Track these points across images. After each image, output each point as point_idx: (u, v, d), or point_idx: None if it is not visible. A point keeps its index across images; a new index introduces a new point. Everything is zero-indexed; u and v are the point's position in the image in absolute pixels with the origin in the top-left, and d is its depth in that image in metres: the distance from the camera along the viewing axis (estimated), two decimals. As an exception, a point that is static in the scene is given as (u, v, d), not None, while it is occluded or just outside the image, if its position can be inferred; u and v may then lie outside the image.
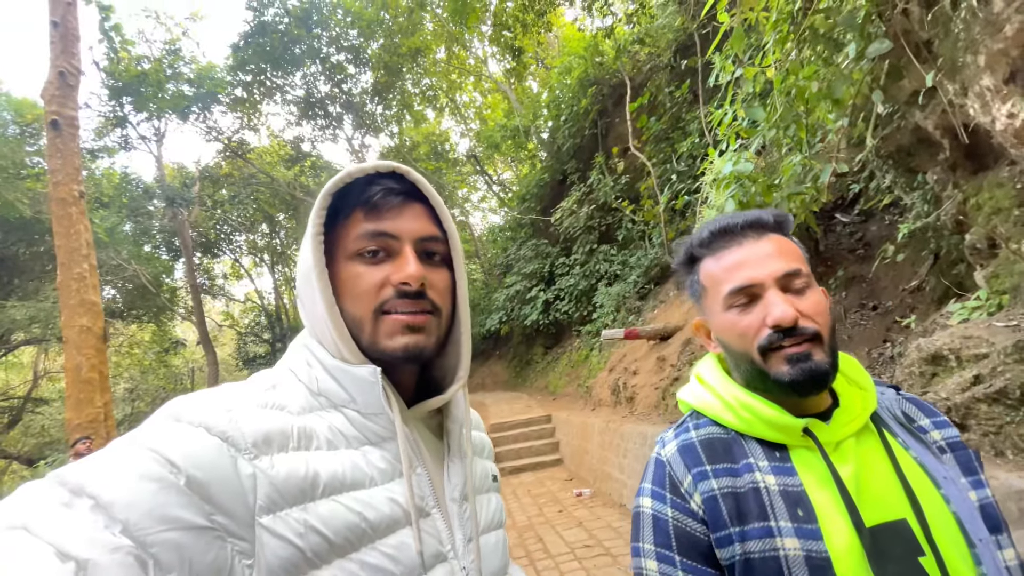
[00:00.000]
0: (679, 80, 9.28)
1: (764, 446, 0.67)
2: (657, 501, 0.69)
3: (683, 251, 0.77)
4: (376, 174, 0.59)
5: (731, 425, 0.70)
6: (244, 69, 16.74)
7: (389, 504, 0.53)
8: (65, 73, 6.02)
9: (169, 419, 0.47)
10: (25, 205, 12.35)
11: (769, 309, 0.64)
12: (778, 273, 0.66)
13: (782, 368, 0.64)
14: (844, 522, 0.59)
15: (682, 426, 0.76)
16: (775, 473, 0.64)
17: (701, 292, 0.74)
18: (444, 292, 0.62)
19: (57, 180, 5.98)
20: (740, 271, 0.67)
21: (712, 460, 0.68)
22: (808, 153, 3.68)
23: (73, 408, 5.79)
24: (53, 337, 13.09)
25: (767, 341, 0.64)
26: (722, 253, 0.70)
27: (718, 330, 0.72)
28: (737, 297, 0.67)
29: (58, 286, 6.11)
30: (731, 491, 0.65)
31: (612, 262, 10.42)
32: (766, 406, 0.66)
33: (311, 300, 0.58)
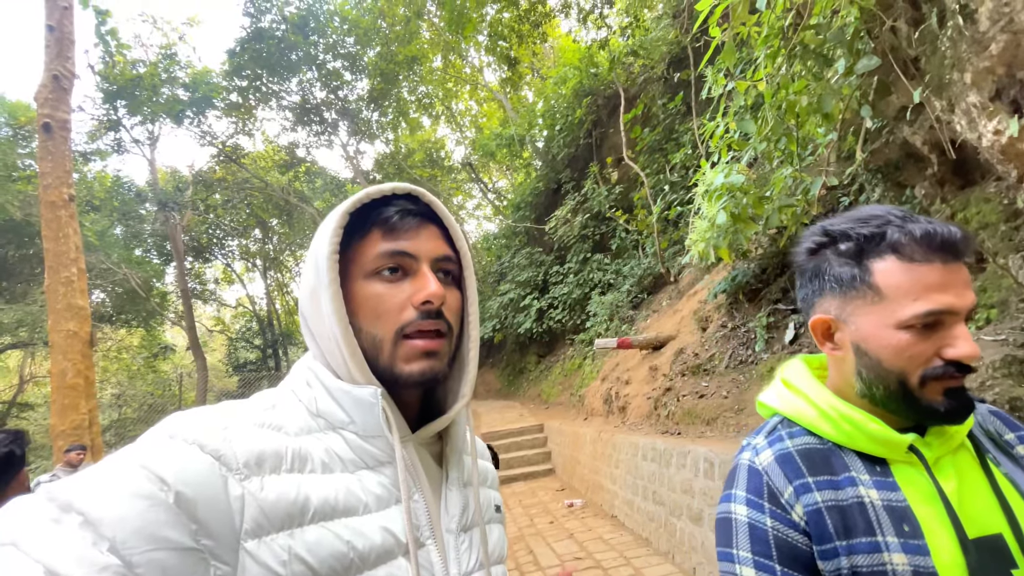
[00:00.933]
0: (672, 92, 9.39)
1: (864, 459, 0.67)
2: (754, 510, 0.68)
3: (855, 239, 0.66)
4: (392, 195, 0.60)
5: (828, 436, 0.69)
6: (240, 74, 16.77)
7: (382, 533, 0.51)
8: (59, 76, 5.99)
9: (163, 436, 0.46)
10: (15, 208, 12.24)
11: (957, 343, 0.61)
12: (971, 305, 0.62)
13: (937, 399, 0.63)
14: (948, 537, 0.60)
15: (774, 434, 0.74)
16: (878, 488, 0.65)
17: (865, 294, 0.65)
18: (456, 311, 0.62)
19: (47, 183, 5.92)
20: (943, 294, 0.61)
21: (813, 472, 0.68)
22: (799, 166, 3.73)
23: (58, 414, 5.69)
24: (40, 341, 12.93)
25: (941, 372, 0.61)
26: (922, 265, 0.62)
27: (875, 342, 0.65)
28: (925, 319, 0.61)
29: (46, 290, 6.03)
30: (835, 504, 0.65)
31: (606, 271, 10.45)
32: (870, 420, 0.66)
33: (319, 319, 0.57)
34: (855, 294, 0.66)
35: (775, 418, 0.78)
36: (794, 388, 0.76)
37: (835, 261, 0.68)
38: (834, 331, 0.70)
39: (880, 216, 0.66)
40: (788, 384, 0.77)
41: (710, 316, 5.76)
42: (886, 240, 0.64)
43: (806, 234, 0.73)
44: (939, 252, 0.62)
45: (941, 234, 0.62)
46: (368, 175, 20.57)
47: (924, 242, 0.62)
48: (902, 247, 0.63)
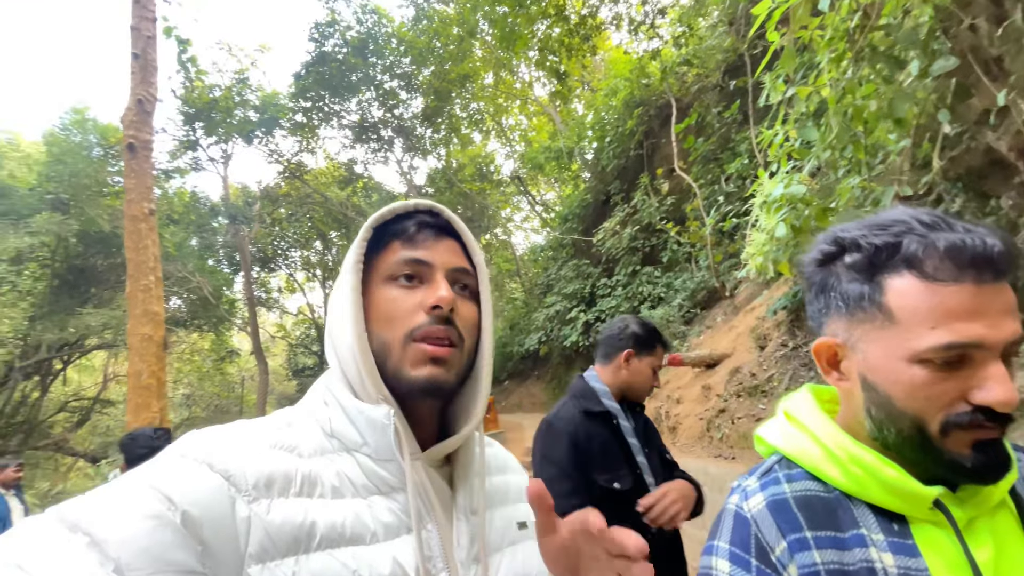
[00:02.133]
0: (728, 100, 9.10)
1: (878, 515, 0.56)
2: (738, 567, 0.57)
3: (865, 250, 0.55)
4: (415, 211, 0.63)
5: (835, 482, 0.58)
6: (304, 96, 17.79)
7: (391, 564, 0.49)
8: (143, 100, 6.56)
9: (175, 455, 0.46)
10: (105, 220, 13.48)
11: (989, 385, 0.49)
12: (1012, 338, 0.49)
13: (964, 451, 0.51)
14: None
15: (770, 475, 0.63)
16: (894, 551, 0.53)
17: (875, 316, 0.54)
18: (470, 324, 0.62)
19: (131, 198, 6.47)
20: (970, 323, 0.49)
21: (813, 525, 0.56)
22: (868, 175, 3.49)
23: (132, 411, 6.14)
24: (122, 343, 14.07)
25: (967, 420, 0.50)
26: (945, 285, 0.49)
27: (885, 376, 0.54)
28: (945, 354, 0.50)
29: (127, 296, 6.56)
30: (839, 568, 0.53)
31: (656, 284, 10.19)
32: (887, 465, 0.54)
33: (340, 328, 0.58)
34: (864, 316, 0.55)
35: (774, 457, 0.66)
36: (797, 423, 0.64)
37: (844, 275, 0.57)
38: (841, 358, 0.59)
39: (902, 222, 0.53)
40: (791, 418, 0.66)
41: (769, 334, 5.47)
42: (902, 252, 0.52)
43: (816, 241, 0.61)
44: (970, 269, 0.49)
45: (974, 247, 0.49)
46: (421, 189, 21.19)
47: (950, 256, 0.50)
48: (922, 262, 0.51)
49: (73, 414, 16.89)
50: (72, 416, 16.80)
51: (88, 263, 14.54)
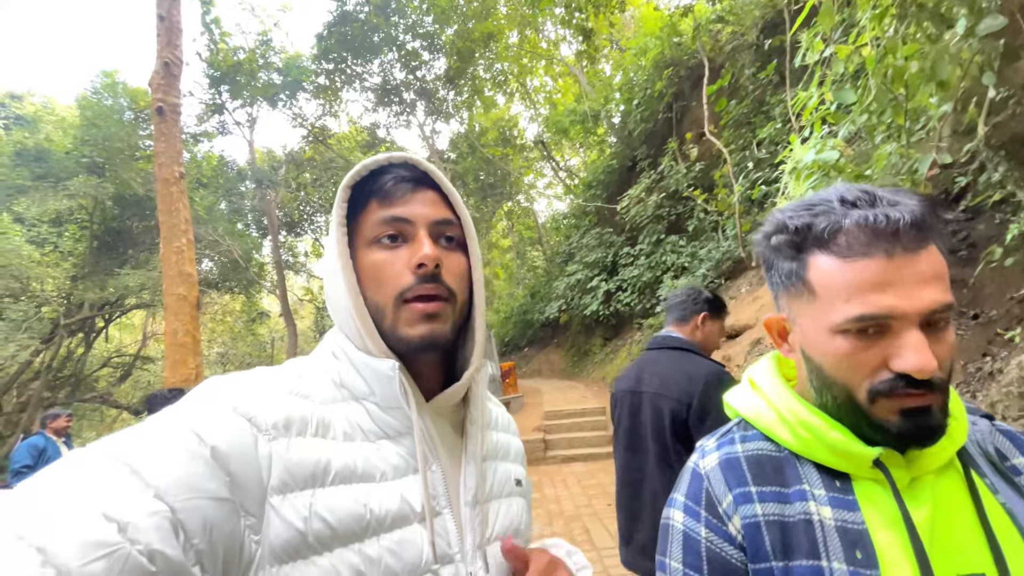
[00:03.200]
0: (764, 60, 8.65)
1: (823, 472, 0.59)
2: (690, 517, 0.63)
3: (791, 230, 0.58)
4: (389, 165, 0.62)
5: (785, 443, 0.62)
6: (327, 58, 17.62)
7: (398, 500, 0.54)
8: (170, 63, 6.62)
9: (202, 398, 0.50)
10: (138, 184, 13.83)
11: (904, 353, 0.51)
12: (929, 308, 0.51)
13: (891, 419, 0.53)
14: (911, 571, 0.52)
15: (726, 436, 0.68)
16: (833, 505, 0.56)
17: (802, 292, 0.58)
18: (460, 276, 0.62)
19: (161, 162, 6.63)
20: (881, 295, 0.51)
21: (759, 481, 0.61)
22: (906, 142, 3.32)
23: (170, 368, 6.47)
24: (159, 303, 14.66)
25: (887, 387, 0.52)
26: (859, 260, 0.52)
27: (814, 347, 0.57)
28: (858, 324, 0.52)
29: (161, 258, 6.81)
30: (778, 520, 0.58)
31: (680, 254, 10.02)
32: (831, 428, 0.58)
33: (335, 292, 0.60)
34: (795, 291, 0.59)
35: (736, 420, 0.71)
36: (758, 389, 0.68)
37: (780, 253, 0.60)
38: (788, 331, 0.63)
39: (826, 201, 0.56)
40: (753, 384, 0.69)
41: (791, 305, 5.37)
42: (815, 232, 0.55)
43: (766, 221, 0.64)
44: (880, 243, 0.51)
45: (877, 222, 0.51)
46: (443, 154, 21.02)
47: (859, 232, 0.52)
48: (834, 240, 0.54)
49: (116, 369, 17.86)
50: (115, 371, 17.77)
51: (124, 225, 15.03)
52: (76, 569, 0.35)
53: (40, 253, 12.87)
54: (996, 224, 3.98)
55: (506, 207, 24.61)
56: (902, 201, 0.53)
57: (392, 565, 0.51)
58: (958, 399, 0.61)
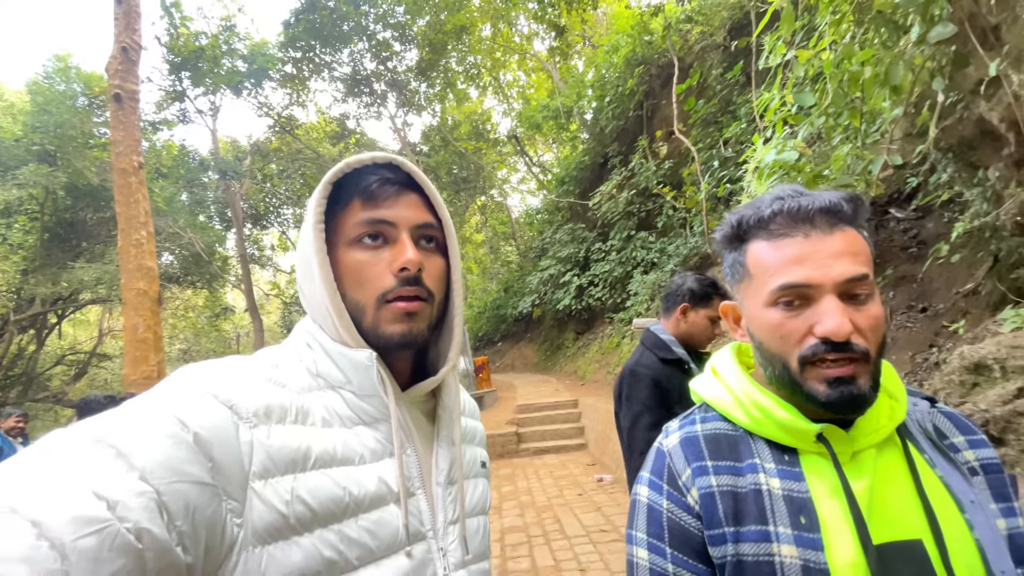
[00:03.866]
0: (731, 61, 8.87)
1: (773, 448, 0.64)
2: (654, 491, 0.68)
3: (731, 225, 0.67)
4: (373, 165, 0.62)
5: (740, 423, 0.67)
6: (294, 46, 17.13)
7: (376, 482, 0.56)
8: (128, 48, 6.34)
9: (181, 385, 0.51)
10: (92, 173, 13.19)
11: (822, 318, 0.57)
12: (842, 278, 0.58)
13: (819, 387, 0.59)
14: (850, 536, 0.56)
15: (688, 417, 0.74)
16: (781, 477, 0.62)
17: (743, 276, 0.66)
18: (438, 278, 0.65)
19: (119, 151, 6.35)
20: (799, 267, 0.59)
21: (715, 456, 0.66)
22: (861, 143, 3.48)
23: (130, 365, 6.24)
24: (116, 297, 14.06)
25: (811, 351, 0.58)
26: (782, 240, 0.61)
27: (755, 324, 0.64)
28: (787, 294, 0.59)
29: (119, 251, 6.54)
30: (731, 490, 0.63)
31: (650, 249, 10.22)
32: (780, 406, 0.63)
33: (310, 287, 0.61)
34: (739, 277, 0.67)
35: (699, 404, 0.77)
36: (717, 374, 0.74)
37: (724, 248, 0.70)
38: (741, 316, 0.70)
39: (763, 199, 0.65)
40: (714, 371, 0.76)
41: (755, 299, 5.57)
42: (749, 221, 0.65)
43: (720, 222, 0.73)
44: (800, 225, 0.61)
45: (793, 208, 0.61)
46: (415, 147, 20.77)
47: (782, 217, 0.62)
48: (764, 223, 0.63)
49: (70, 367, 17.07)
50: (69, 369, 16.98)
51: (77, 217, 14.33)
52: (69, 543, 0.36)
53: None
54: (944, 222, 4.21)
55: (479, 201, 24.53)
56: (821, 195, 0.61)
57: (369, 543, 0.53)
58: (899, 382, 0.67)
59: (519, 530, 4.58)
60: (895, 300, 4.16)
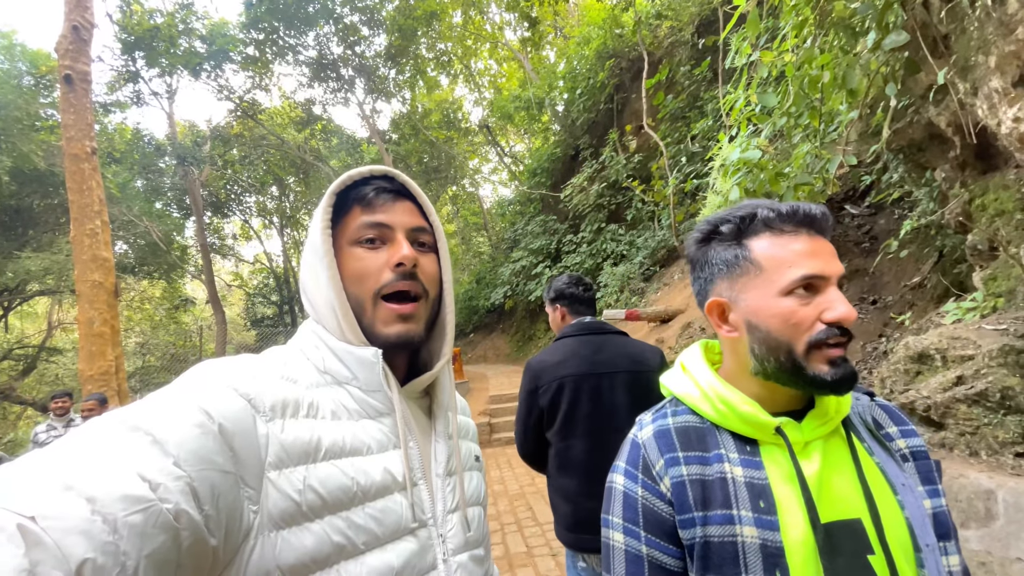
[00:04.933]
0: (699, 58, 9.05)
1: (736, 439, 0.71)
2: (629, 480, 0.73)
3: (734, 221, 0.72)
4: (371, 176, 0.69)
5: (707, 416, 0.73)
6: (256, 27, 16.47)
7: (382, 472, 0.60)
8: (79, 27, 5.99)
9: (203, 378, 0.54)
10: (39, 157, 12.44)
11: (833, 305, 0.64)
12: (840, 272, 0.67)
13: (822, 368, 0.65)
14: (802, 516, 0.63)
15: (661, 411, 0.79)
16: (743, 466, 0.68)
17: (746, 270, 0.70)
18: (432, 277, 0.70)
19: (70, 136, 6.02)
20: (814, 259, 0.65)
21: (685, 447, 0.72)
22: (820, 143, 3.64)
23: (86, 360, 5.98)
24: (66, 289, 13.38)
25: (824, 335, 0.64)
26: (790, 236, 0.67)
27: (762, 314, 0.68)
28: (802, 283, 0.65)
29: (71, 241, 6.23)
30: (699, 478, 0.69)
31: (619, 242, 10.40)
32: (743, 402, 0.70)
33: (316, 286, 0.66)
34: (740, 272, 0.71)
35: (669, 398, 0.83)
36: (687, 370, 0.80)
37: (719, 246, 0.74)
38: (728, 312, 0.73)
39: (751, 203, 0.72)
40: (683, 367, 0.81)
41: (720, 291, 5.75)
42: (758, 218, 0.70)
43: (695, 228, 0.78)
44: (804, 225, 0.68)
45: (803, 209, 0.68)
46: (384, 135, 20.37)
47: (789, 216, 0.68)
48: (772, 221, 0.69)
49: (18, 362, 16.15)
50: (17, 364, 16.07)
51: (24, 203, 13.50)
52: (121, 518, 0.40)
53: (-80, 233, 11.35)
54: (895, 219, 4.46)
55: (451, 191, 24.31)
56: (811, 204, 0.70)
57: (375, 529, 0.57)
58: None
59: (492, 518, 4.65)
60: (848, 292, 4.38)
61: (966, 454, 2.06)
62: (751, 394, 0.72)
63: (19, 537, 0.35)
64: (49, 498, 0.38)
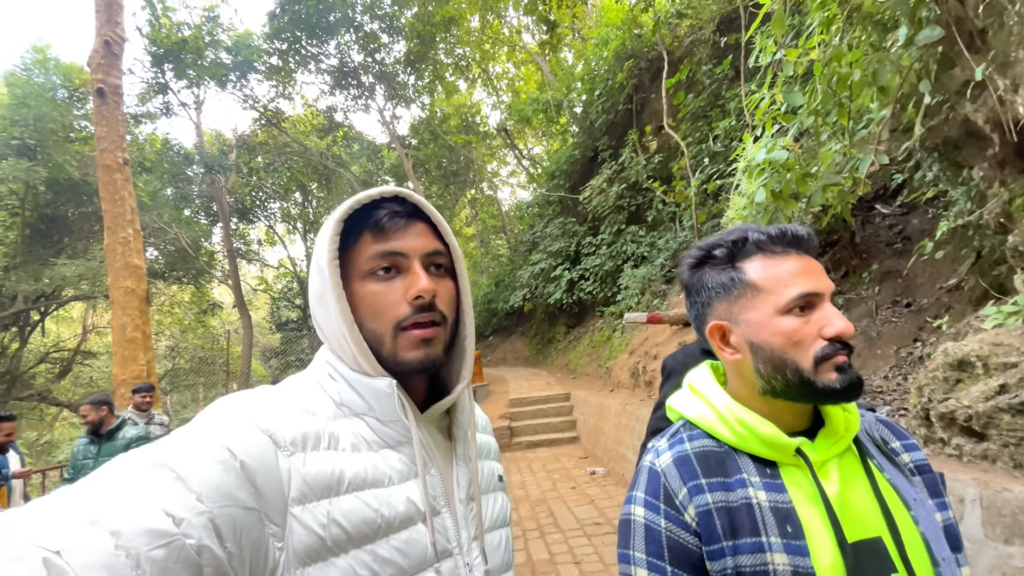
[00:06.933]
0: (720, 56, 8.90)
1: (756, 462, 0.69)
2: (650, 511, 0.70)
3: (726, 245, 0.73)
4: (381, 199, 0.64)
5: (725, 439, 0.72)
6: (280, 37, 16.83)
7: (405, 503, 0.59)
8: (110, 42, 6.20)
9: (225, 414, 0.54)
10: (73, 167, 12.91)
11: (832, 320, 0.65)
12: (832, 289, 0.68)
13: (831, 376, 0.65)
14: (829, 539, 0.62)
15: (676, 436, 0.76)
16: (767, 489, 0.67)
17: (743, 292, 0.70)
18: (449, 301, 0.67)
19: (103, 147, 6.22)
20: (807, 278, 0.67)
21: (707, 474, 0.70)
22: (849, 141, 3.53)
23: (119, 364, 6.16)
24: (100, 294, 13.83)
25: (830, 351, 0.65)
26: (782, 258, 0.69)
27: (765, 333, 0.68)
28: (800, 301, 0.66)
29: (105, 249, 6.44)
30: (725, 506, 0.67)
31: (640, 243, 10.28)
32: (763, 423, 0.68)
33: (327, 319, 0.63)
34: (737, 294, 0.71)
35: (680, 422, 0.80)
36: (698, 393, 0.78)
37: (713, 271, 0.74)
38: (729, 335, 0.73)
39: (740, 228, 0.74)
40: (693, 389, 0.79)
41: (744, 294, 5.64)
42: (750, 240, 0.72)
43: (685, 255, 0.79)
44: (792, 245, 0.70)
45: (791, 231, 0.71)
46: (404, 140, 20.58)
47: (779, 238, 0.70)
48: (763, 243, 0.71)
49: (54, 365, 16.76)
50: (53, 367, 16.68)
51: (59, 212, 14.03)
52: (144, 553, 0.40)
53: (-36, 242, 11.88)
54: (929, 219, 4.31)
55: (469, 195, 24.42)
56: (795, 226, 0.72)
57: (400, 562, 0.56)
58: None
59: (514, 524, 4.63)
60: (880, 295, 4.25)
61: (1010, 466, 1.97)
62: (760, 415, 0.71)
63: (43, 571, 0.35)
64: (74, 532, 0.39)
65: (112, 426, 3.73)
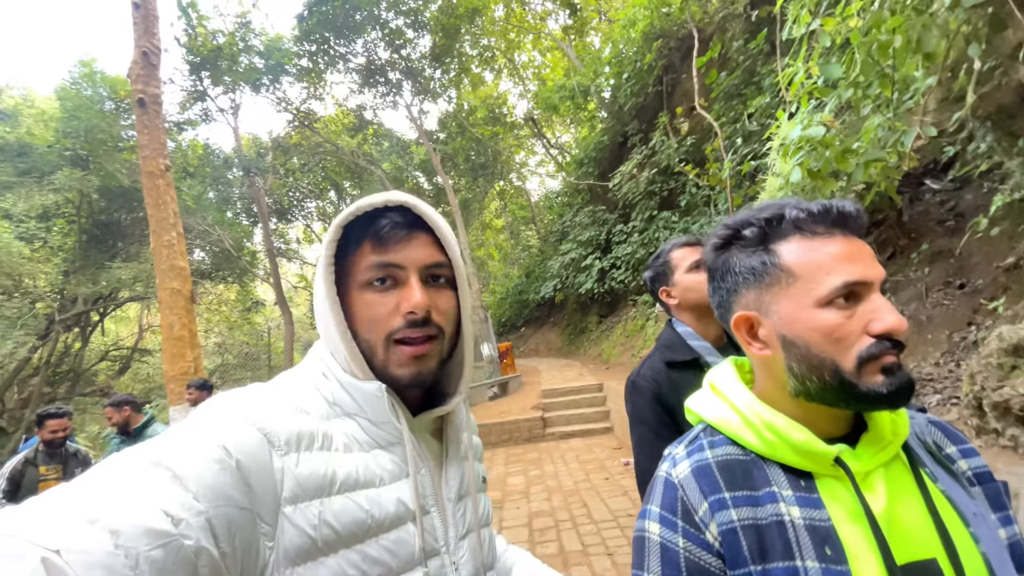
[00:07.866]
0: (754, 30, 8.51)
1: (787, 473, 0.61)
2: (667, 528, 0.62)
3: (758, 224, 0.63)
4: (385, 207, 0.63)
5: (751, 446, 0.63)
6: (309, 39, 17.17)
7: (395, 503, 0.59)
8: (148, 53, 6.46)
9: (221, 413, 0.54)
10: (123, 175, 13.64)
11: (881, 315, 0.56)
12: (883, 277, 0.58)
13: (876, 379, 0.56)
14: (875, 562, 0.54)
15: (695, 443, 0.68)
16: (800, 505, 0.58)
17: (776, 279, 0.61)
18: (448, 313, 0.66)
19: (145, 155, 6.52)
20: (854, 264, 0.57)
21: (731, 486, 0.61)
22: (893, 113, 3.31)
23: (168, 361, 6.49)
24: (153, 295, 14.60)
25: (877, 350, 0.56)
26: (823, 239, 0.59)
27: (800, 327, 0.59)
28: (843, 291, 0.57)
29: (152, 252, 6.76)
30: (752, 523, 0.58)
31: (673, 229, 10.03)
32: (795, 428, 0.60)
33: (325, 324, 0.64)
34: (769, 281, 0.62)
35: (700, 425, 0.72)
36: (720, 394, 0.69)
37: (742, 252, 0.64)
38: (757, 327, 0.64)
39: (776, 203, 0.63)
40: (715, 389, 0.71)
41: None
42: (787, 219, 0.61)
43: (710, 234, 0.69)
44: (837, 225, 0.60)
45: (837, 207, 0.59)
46: (432, 135, 20.72)
47: (822, 216, 0.60)
48: (802, 223, 0.60)
49: (114, 362, 17.88)
50: (113, 364, 17.79)
51: (112, 218, 14.86)
52: (143, 553, 0.40)
53: (30, 249, 12.77)
54: (984, 194, 4.01)
55: (498, 186, 24.41)
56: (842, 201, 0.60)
57: (389, 562, 0.56)
58: None
59: (546, 514, 4.65)
60: (931, 276, 4.00)
61: (1075, 459, 1.82)
62: (792, 418, 0.62)
63: (43, 570, 0.35)
64: (74, 531, 0.39)
65: (139, 424, 3.79)
